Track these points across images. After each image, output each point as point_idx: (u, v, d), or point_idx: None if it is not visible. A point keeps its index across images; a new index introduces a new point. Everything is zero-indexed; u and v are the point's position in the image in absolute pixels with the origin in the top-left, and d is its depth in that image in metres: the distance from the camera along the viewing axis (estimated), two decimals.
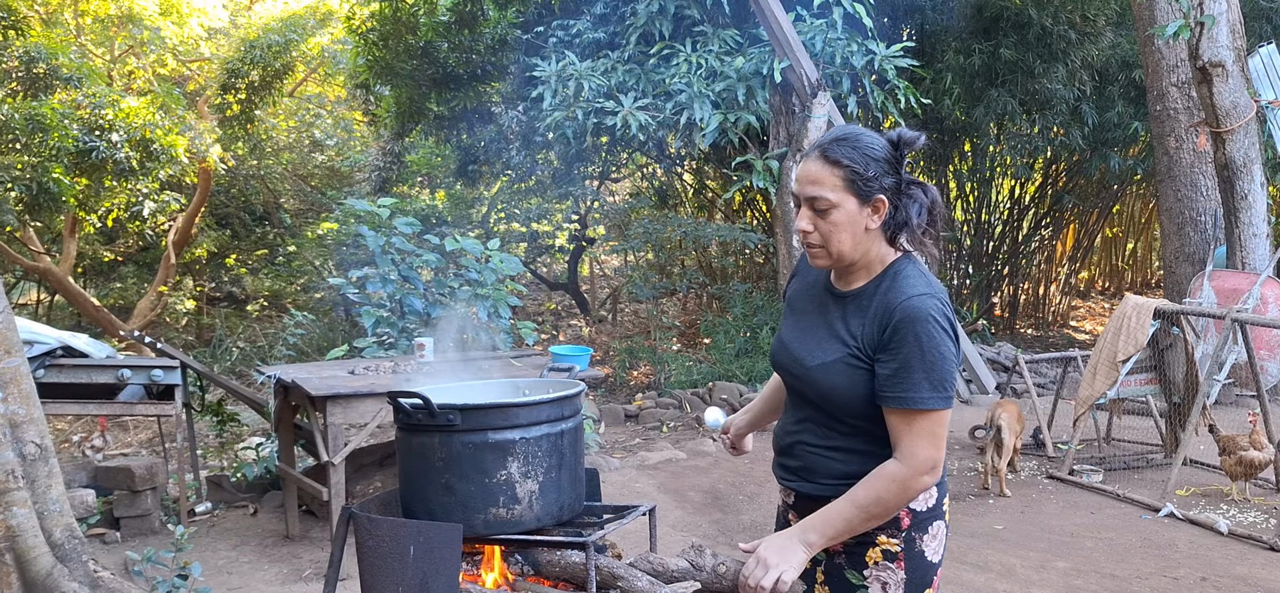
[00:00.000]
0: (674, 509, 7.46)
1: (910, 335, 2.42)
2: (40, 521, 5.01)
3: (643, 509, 3.48)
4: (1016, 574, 6.00)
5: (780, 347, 2.73)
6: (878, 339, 2.47)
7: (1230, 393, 10.38)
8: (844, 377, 2.52)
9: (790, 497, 2.77)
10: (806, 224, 2.54)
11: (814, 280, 2.74)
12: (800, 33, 10.78)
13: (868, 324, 2.50)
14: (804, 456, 2.66)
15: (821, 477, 2.62)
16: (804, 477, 2.66)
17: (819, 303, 2.68)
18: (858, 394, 2.50)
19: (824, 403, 2.58)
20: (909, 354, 2.42)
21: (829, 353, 2.55)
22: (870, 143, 2.54)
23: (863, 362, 2.50)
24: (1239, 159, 10.02)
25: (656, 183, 17.87)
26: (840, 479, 2.56)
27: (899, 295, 2.47)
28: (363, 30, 15.73)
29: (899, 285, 2.50)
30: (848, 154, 2.51)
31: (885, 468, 2.47)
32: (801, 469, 2.67)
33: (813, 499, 2.62)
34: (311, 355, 12.54)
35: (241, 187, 18.44)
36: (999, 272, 16.83)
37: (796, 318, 2.74)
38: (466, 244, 8.35)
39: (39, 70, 12.02)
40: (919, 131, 2.59)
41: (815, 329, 2.64)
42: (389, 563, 3.02)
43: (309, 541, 6.88)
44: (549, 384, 3.49)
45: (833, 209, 2.50)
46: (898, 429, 2.46)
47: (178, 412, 7.32)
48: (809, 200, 2.53)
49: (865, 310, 2.53)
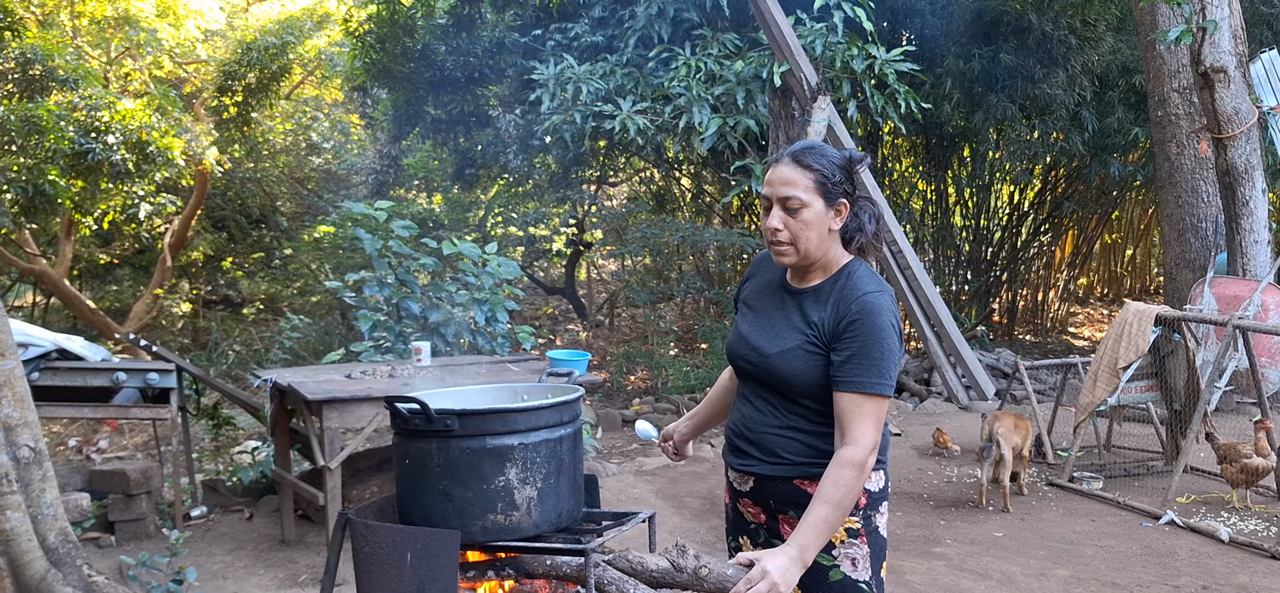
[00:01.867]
0: (672, 515, 7.43)
1: (864, 328, 2.70)
2: (34, 524, 4.97)
3: (642, 516, 3.44)
4: (1016, 582, 5.97)
5: (738, 340, 2.98)
6: (835, 329, 2.74)
7: (1231, 400, 10.35)
8: (801, 362, 2.78)
9: (748, 483, 2.96)
10: (777, 222, 2.79)
11: (769, 281, 3.01)
12: (800, 36, 10.75)
13: (826, 315, 2.77)
14: (764, 439, 2.88)
15: (782, 456, 2.86)
16: (766, 460, 2.88)
17: (776, 300, 2.94)
18: (813, 377, 2.77)
19: (783, 387, 2.83)
20: (863, 344, 2.70)
21: (787, 341, 2.82)
22: (829, 152, 2.84)
23: (819, 348, 2.77)
24: (1240, 165, 10.01)
25: (654, 187, 17.86)
26: (800, 459, 2.83)
27: (855, 291, 2.75)
28: (360, 33, 15.70)
29: (855, 283, 2.78)
30: (817, 161, 2.79)
31: (841, 458, 2.68)
32: (762, 452, 2.89)
33: (773, 480, 2.88)
34: (308, 359, 12.50)
35: (238, 189, 18.40)
36: (998, 277, 16.81)
37: (754, 314, 2.99)
38: (464, 248, 8.32)
39: (35, 72, 11.98)
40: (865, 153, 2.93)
41: (773, 322, 2.89)
42: (385, 569, 2.98)
43: (305, 546, 6.84)
44: (548, 389, 3.45)
45: (804, 209, 2.77)
46: (848, 413, 2.70)
47: (173, 415, 7.28)
48: (781, 200, 2.79)
49: (823, 303, 2.80)
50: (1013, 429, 7.59)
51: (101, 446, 10.87)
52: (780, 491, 2.87)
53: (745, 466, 2.93)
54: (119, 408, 7.34)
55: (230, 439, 10.27)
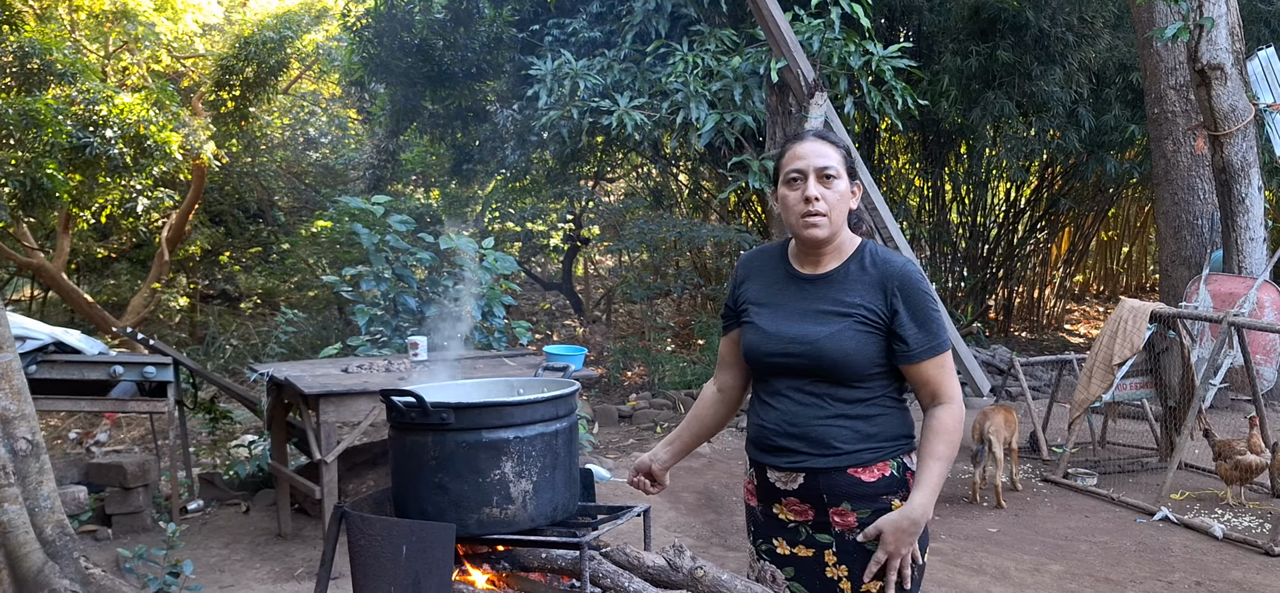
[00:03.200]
0: (667, 510, 7.44)
1: (918, 295, 2.77)
2: (31, 517, 4.97)
3: (637, 510, 3.45)
4: (1010, 577, 5.99)
5: (767, 336, 2.89)
6: (888, 306, 2.77)
7: (1226, 397, 10.37)
8: (854, 341, 2.76)
9: (797, 480, 2.86)
10: (816, 192, 2.79)
11: (772, 276, 2.98)
12: (797, 32, 10.74)
13: (869, 294, 2.79)
14: (813, 430, 2.81)
15: (834, 446, 2.80)
16: (817, 452, 2.81)
17: (793, 291, 2.91)
18: (866, 356, 2.77)
19: (833, 372, 2.78)
20: (923, 311, 2.77)
21: (832, 324, 2.78)
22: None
23: (869, 327, 2.77)
24: (1237, 163, 10.02)
25: (652, 183, 17.85)
26: (851, 446, 2.79)
27: (892, 266, 2.81)
28: (358, 27, 15.69)
29: (885, 258, 2.84)
30: (839, 140, 2.87)
31: (943, 416, 2.78)
32: (812, 445, 2.82)
33: (827, 472, 2.81)
34: (305, 353, 12.51)
35: (235, 184, 18.37)
36: (994, 274, 16.82)
37: (771, 308, 2.92)
38: (461, 243, 8.33)
39: (33, 66, 11.96)
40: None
41: (800, 312, 2.85)
42: (381, 562, 2.99)
43: (301, 539, 6.85)
44: (544, 384, 3.46)
45: (836, 180, 2.81)
46: (934, 377, 2.79)
47: (170, 409, 7.29)
48: (819, 170, 2.80)
49: (856, 284, 2.81)
50: (1003, 425, 7.62)
51: (100, 439, 10.87)
52: (835, 483, 2.81)
53: (795, 462, 2.85)
54: (116, 401, 7.35)
55: (227, 433, 10.27)
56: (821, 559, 2.85)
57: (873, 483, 2.79)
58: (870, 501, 2.79)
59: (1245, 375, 7.71)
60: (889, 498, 2.80)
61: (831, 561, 2.84)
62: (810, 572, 2.88)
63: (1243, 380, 8.23)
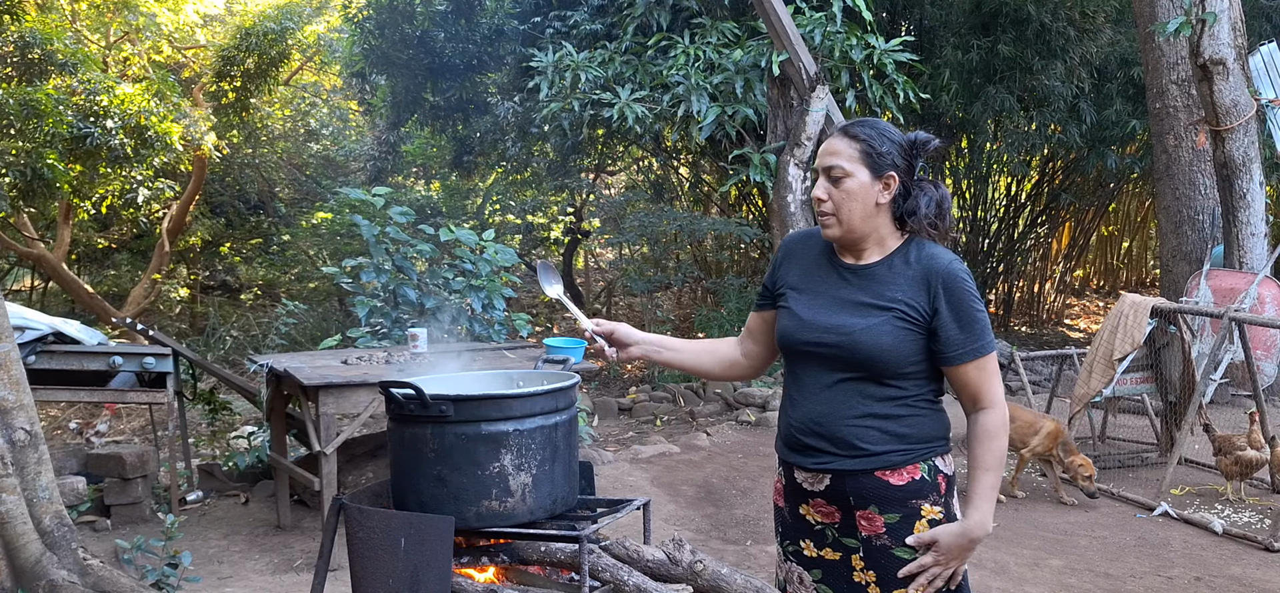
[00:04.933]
0: (667, 503, 7.43)
1: (962, 295, 2.68)
2: (29, 507, 4.98)
3: (637, 503, 3.45)
4: (1010, 572, 5.99)
5: (803, 324, 2.80)
6: (930, 304, 2.69)
7: (1226, 393, 10.36)
8: (892, 336, 2.68)
9: (824, 482, 2.79)
10: (822, 193, 2.74)
11: (813, 261, 2.88)
12: (799, 26, 10.73)
13: (911, 290, 2.70)
14: (840, 431, 2.73)
15: (861, 448, 2.72)
16: (844, 454, 2.74)
17: (833, 279, 2.82)
18: (902, 353, 2.69)
19: (868, 366, 2.69)
20: (967, 312, 2.68)
21: (870, 317, 2.70)
22: (887, 127, 2.78)
23: (909, 324, 2.69)
24: (1238, 158, 10.01)
25: (652, 176, 17.84)
26: (880, 449, 2.71)
27: (937, 262, 2.71)
28: (359, 19, 15.68)
29: (930, 253, 2.74)
30: (865, 131, 2.75)
31: (986, 422, 2.73)
32: (839, 446, 2.74)
33: (854, 474, 2.73)
34: (304, 345, 12.50)
35: (236, 175, 18.38)
36: (994, 269, 16.81)
37: (809, 295, 2.83)
38: (461, 235, 8.32)
39: (34, 55, 11.96)
40: (932, 136, 2.84)
41: (839, 301, 2.77)
42: (380, 554, 2.99)
43: (300, 531, 6.85)
44: (543, 376, 3.46)
45: (846, 178, 2.71)
46: (976, 380, 2.71)
47: (170, 400, 7.29)
48: (826, 170, 2.74)
49: (900, 281, 2.72)
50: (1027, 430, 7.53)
51: (100, 429, 10.88)
52: (862, 485, 2.72)
53: (821, 463, 2.77)
54: (115, 392, 7.35)
55: (226, 424, 10.28)
56: (849, 564, 2.78)
57: (902, 486, 2.72)
58: (899, 504, 2.71)
59: (1246, 371, 7.70)
60: (919, 503, 2.73)
61: (859, 565, 2.77)
62: (838, 575, 2.80)
63: (1243, 376, 8.21)
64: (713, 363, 3.15)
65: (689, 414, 10.86)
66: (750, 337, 3.09)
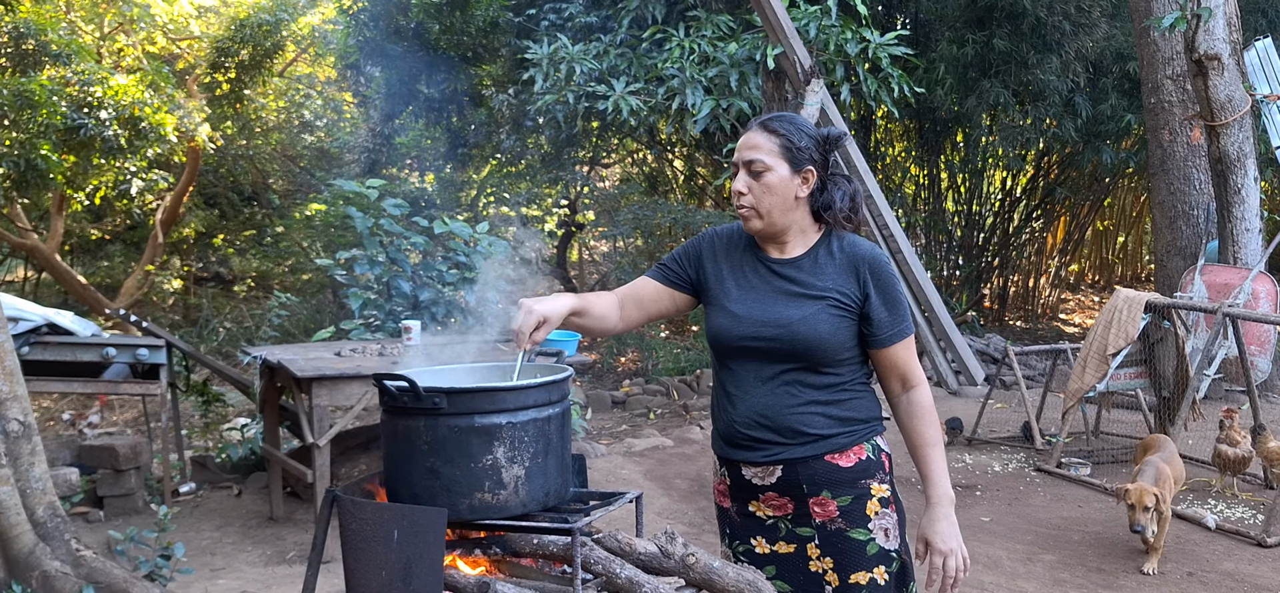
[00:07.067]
0: (660, 496, 7.44)
1: (889, 279, 2.79)
2: (22, 499, 4.98)
3: (629, 496, 3.44)
4: (1003, 566, 5.99)
5: (736, 320, 2.82)
6: (860, 290, 2.77)
7: (1220, 388, 10.38)
8: (828, 324, 2.74)
9: (774, 474, 2.83)
10: (742, 186, 2.78)
11: (738, 258, 2.91)
12: (794, 19, 10.73)
13: (841, 278, 2.78)
14: (786, 420, 2.78)
15: (808, 432, 2.78)
16: (792, 442, 2.79)
17: (760, 274, 2.85)
18: (839, 339, 2.76)
19: (806, 356, 2.75)
20: (891, 295, 2.78)
21: (805, 307, 2.76)
22: (804, 122, 2.85)
23: (844, 311, 2.76)
24: (1233, 153, 10.02)
25: (647, 169, 17.84)
26: (826, 432, 2.78)
27: (861, 250, 2.80)
28: (354, 10, 15.66)
29: (852, 242, 2.83)
30: (784, 126, 2.79)
31: (916, 400, 2.82)
32: (787, 435, 2.79)
33: (805, 461, 2.79)
34: (298, 337, 12.48)
35: (230, 166, 18.32)
36: (989, 263, 16.83)
37: (740, 291, 2.86)
38: (455, 227, 8.31)
39: (28, 46, 11.93)
40: (843, 130, 2.96)
41: (771, 294, 2.81)
42: (372, 546, 2.98)
43: (293, 522, 6.85)
44: (537, 369, 3.45)
45: (767, 172, 2.75)
46: (904, 360, 2.81)
47: (163, 391, 7.28)
48: (746, 164, 2.78)
49: (827, 268, 2.79)
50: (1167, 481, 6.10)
51: (93, 421, 10.86)
52: (814, 471, 2.78)
53: (771, 455, 2.81)
54: (109, 383, 7.34)
55: (219, 416, 10.26)
56: (804, 554, 2.83)
57: (851, 468, 2.79)
58: (850, 486, 2.78)
59: (1240, 366, 7.71)
60: (868, 482, 2.80)
61: (815, 554, 2.82)
62: (793, 568, 2.85)
63: (1237, 371, 8.23)
64: (601, 311, 3.02)
65: (682, 407, 10.86)
66: (635, 302, 3.01)
